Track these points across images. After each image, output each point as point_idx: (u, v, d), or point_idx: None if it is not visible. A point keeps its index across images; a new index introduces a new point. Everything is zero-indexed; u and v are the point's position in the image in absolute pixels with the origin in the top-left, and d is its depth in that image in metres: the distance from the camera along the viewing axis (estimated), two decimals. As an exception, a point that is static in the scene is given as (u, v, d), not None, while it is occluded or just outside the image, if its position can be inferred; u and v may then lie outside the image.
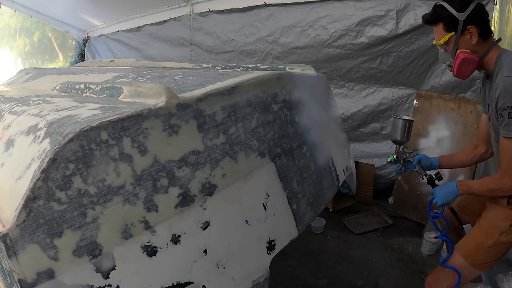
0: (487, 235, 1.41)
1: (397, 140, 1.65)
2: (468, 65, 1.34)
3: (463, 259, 1.43)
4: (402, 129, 1.62)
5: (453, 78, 2.84)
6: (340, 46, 3.09)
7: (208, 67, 1.95)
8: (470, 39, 1.33)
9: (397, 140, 1.65)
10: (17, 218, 0.69)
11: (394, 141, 1.67)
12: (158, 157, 0.89)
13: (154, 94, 0.95)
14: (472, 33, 1.32)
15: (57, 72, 2.14)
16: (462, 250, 1.46)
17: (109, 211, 0.79)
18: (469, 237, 1.50)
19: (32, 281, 0.69)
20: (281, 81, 1.37)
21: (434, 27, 1.41)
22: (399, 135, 1.63)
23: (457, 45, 1.35)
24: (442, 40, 1.38)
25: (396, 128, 1.63)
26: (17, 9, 4.10)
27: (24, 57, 4.72)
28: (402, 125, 1.62)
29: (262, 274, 1.11)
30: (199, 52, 3.91)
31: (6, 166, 0.87)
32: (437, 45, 1.43)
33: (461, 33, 1.33)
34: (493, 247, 1.40)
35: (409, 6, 2.79)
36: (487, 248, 1.40)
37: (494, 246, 1.40)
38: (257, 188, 1.15)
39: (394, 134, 1.65)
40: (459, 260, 1.44)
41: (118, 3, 3.96)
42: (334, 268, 2.33)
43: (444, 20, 1.36)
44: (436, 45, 1.43)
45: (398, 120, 1.63)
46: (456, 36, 1.34)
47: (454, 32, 1.34)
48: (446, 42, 1.37)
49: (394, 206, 3.01)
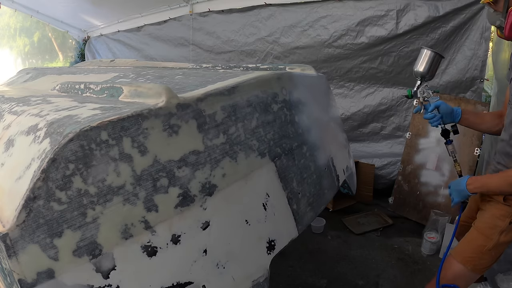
0: (486, 238, 1.33)
1: (420, 72, 1.50)
2: None
3: (463, 266, 1.35)
4: (429, 62, 1.47)
5: (453, 78, 2.85)
6: (340, 46, 3.09)
7: (208, 67, 1.95)
8: None
9: (419, 72, 1.50)
10: (17, 218, 0.69)
11: (417, 72, 1.52)
12: (158, 157, 0.89)
13: (154, 94, 0.95)
14: None
15: (57, 72, 2.14)
16: (461, 256, 1.37)
17: (109, 211, 0.79)
18: (466, 242, 1.40)
19: (32, 281, 0.69)
20: (281, 81, 1.37)
21: None
22: (424, 67, 1.48)
23: (508, 2, 1.22)
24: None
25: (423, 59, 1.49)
26: (17, 9, 4.11)
27: (24, 57, 4.72)
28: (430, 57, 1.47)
29: (262, 274, 1.11)
30: (199, 52, 3.92)
31: (6, 166, 0.87)
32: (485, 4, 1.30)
33: None
34: (493, 249, 1.32)
35: (409, 6, 2.80)
36: (488, 251, 1.33)
37: (495, 248, 1.32)
38: (257, 188, 1.15)
39: (418, 66, 1.50)
40: (459, 268, 1.36)
41: (118, 3, 3.97)
42: (334, 268, 2.33)
43: None
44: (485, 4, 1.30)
45: (427, 51, 1.48)
46: None
47: None
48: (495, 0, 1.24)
49: (394, 206, 3.01)
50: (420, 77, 1.52)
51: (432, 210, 2.64)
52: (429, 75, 1.49)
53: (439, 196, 2.76)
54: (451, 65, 2.84)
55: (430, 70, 1.48)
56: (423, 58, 1.49)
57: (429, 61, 1.47)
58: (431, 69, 1.48)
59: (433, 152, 2.81)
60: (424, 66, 1.48)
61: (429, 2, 2.72)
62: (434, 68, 1.49)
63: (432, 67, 1.48)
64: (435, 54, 1.47)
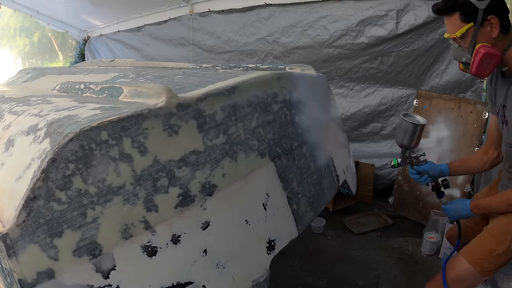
0: (498, 242, 1.32)
1: (404, 145, 1.44)
2: (489, 62, 1.16)
3: (471, 267, 1.34)
4: (411, 134, 1.40)
5: (453, 78, 2.84)
6: (340, 46, 3.09)
7: (208, 67, 1.95)
8: (490, 32, 1.16)
9: (403, 145, 1.44)
10: (17, 218, 0.69)
11: (400, 145, 1.46)
12: (158, 157, 0.89)
13: (154, 94, 0.95)
14: (493, 25, 1.15)
15: (57, 72, 2.14)
16: (470, 257, 1.36)
17: (109, 211, 0.79)
18: (477, 243, 1.39)
19: (32, 281, 0.69)
20: (281, 81, 1.37)
21: (447, 18, 1.23)
22: (406, 139, 1.41)
23: (475, 39, 1.18)
24: (459, 33, 1.19)
25: (404, 131, 1.41)
26: (17, 9, 4.10)
27: (24, 57, 4.73)
28: (411, 130, 1.39)
29: (262, 274, 1.11)
30: (199, 52, 3.91)
31: (6, 166, 0.87)
32: (450, 40, 1.24)
33: (480, 25, 1.16)
34: (503, 255, 1.32)
35: (409, 6, 2.79)
36: (498, 256, 1.32)
37: (505, 253, 1.31)
38: (257, 188, 1.15)
39: (400, 138, 1.43)
40: (466, 267, 1.35)
41: (118, 3, 3.97)
42: (334, 268, 2.33)
43: (462, 8, 1.17)
44: (450, 39, 1.24)
45: (406, 123, 1.40)
46: (475, 28, 1.16)
47: (473, 23, 1.16)
48: (462, 35, 1.19)
49: (394, 206, 3.01)
50: (404, 148, 1.48)
51: (432, 210, 2.64)
52: (413, 145, 1.43)
53: (439, 196, 2.76)
54: (451, 65, 2.83)
55: (414, 141, 1.42)
56: (403, 129, 1.43)
57: (411, 132, 1.41)
58: (414, 140, 1.42)
59: (433, 152, 2.81)
60: (406, 138, 1.42)
61: (429, 2, 2.72)
62: (418, 137, 1.42)
63: (415, 137, 1.42)
64: (416, 125, 1.40)
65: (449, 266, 1.42)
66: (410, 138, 1.41)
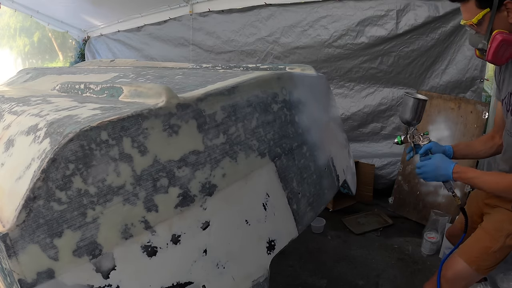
0: (492, 239, 1.34)
1: (407, 120, 1.49)
2: (507, 48, 1.13)
3: (468, 266, 1.36)
4: (413, 109, 1.45)
5: (453, 78, 2.84)
6: (340, 46, 3.09)
7: (208, 67, 1.95)
8: (507, 17, 1.13)
9: (406, 120, 1.49)
10: (17, 218, 0.69)
11: (403, 120, 1.51)
12: (158, 157, 0.89)
13: (154, 94, 0.95)
14: (509, 10, 1.11)
15: (57, 72, 2.14)
16: (466, 256, 1.38)
17: (109, 211, 0.79)
18: (472, 242, 1.41)
19: (32, 281, 0.69)
20: (281, 81, 1.37)
21: (463, 4, 1.21)
22: (409, 114, 1.46)
23: (492, 24, 1.15)
24: (475, 19, 1.16)
25: (406, 107, 1.47)
26: (17, 9, 4.10)
27: (24, 57, 4.73)
28: (413, 105, 1.45)
29: (262, 274, 1.11)
30: (199, 52, 3.91)
31: (6, 166, 0.87)
32: (467, 26, 1.23)
33: (497, 10, 1.12)
34: (498, 252, 1.33)
35: (409, 6, 2.79)
36: (493, 253, 1.33)
37: (500, 250, 1.33)
38: (257, 188, 1.15)
39: (403, 113, 1.49)
40: (463, 266, 1.37)
41: (118, 3, 3.97)
42: (334, 268, 2.33)
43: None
44: (466, 25, 1.23)
45: (409, 99, 1.46)
46: (491, 14, 1.14)
47: (489, 8, 1.13)
48: (479, 21, 1.17)
49: (394, 206, 3.01)
50: (407, 124, 1.51)
51: (432, 210, 2.64)
52: (416, 120, 1.48)
53: (439, 196, 2.76)
54: (451, 65, 2.84)
55: (417, 116, 1.47)
56: (406, 105, 1.48)
57: (412, 107, 1.45)
58: (417, 115, 1.46)
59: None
60: (409, 114, 1.46)
61: (429, 2, 2.72)
62: (420, 113, 1.47)
63: (418, 113, 1.46)
64: (417, 100, 1.45)
65: (446, 266, 1.42)
66: (413, 114, 1.46)
